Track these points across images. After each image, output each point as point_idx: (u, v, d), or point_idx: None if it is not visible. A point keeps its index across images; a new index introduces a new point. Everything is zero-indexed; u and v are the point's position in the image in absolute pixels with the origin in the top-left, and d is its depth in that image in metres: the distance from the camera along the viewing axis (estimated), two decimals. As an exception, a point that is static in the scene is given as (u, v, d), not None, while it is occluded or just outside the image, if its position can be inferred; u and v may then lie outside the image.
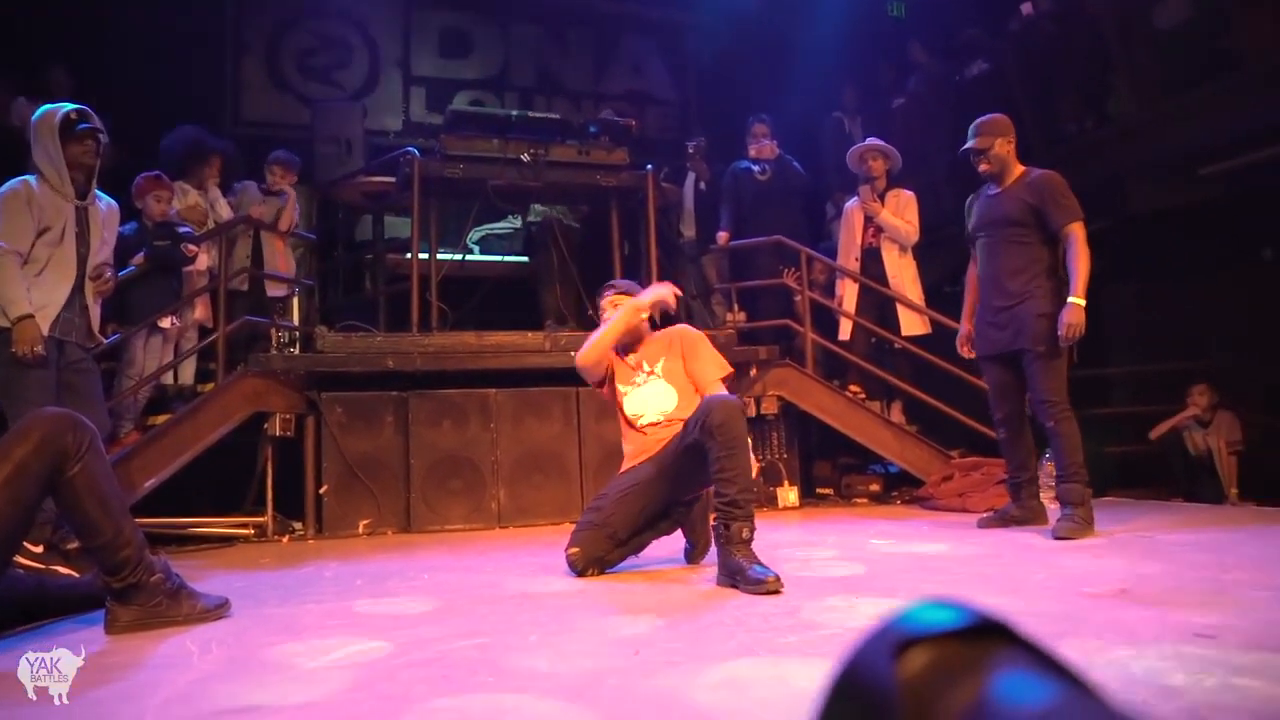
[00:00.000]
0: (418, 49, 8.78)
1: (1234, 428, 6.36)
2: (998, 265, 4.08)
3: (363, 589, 3.10)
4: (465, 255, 6.44)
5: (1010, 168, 4.07)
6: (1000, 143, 4.04)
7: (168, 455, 4.65)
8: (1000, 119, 4.10)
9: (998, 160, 4.04)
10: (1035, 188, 3.96)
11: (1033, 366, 3.92)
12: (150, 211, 5.16)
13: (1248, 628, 1.94)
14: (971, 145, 4.09)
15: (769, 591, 2.62)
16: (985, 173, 4.10)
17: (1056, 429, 3.88)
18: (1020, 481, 4.19)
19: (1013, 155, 4.09)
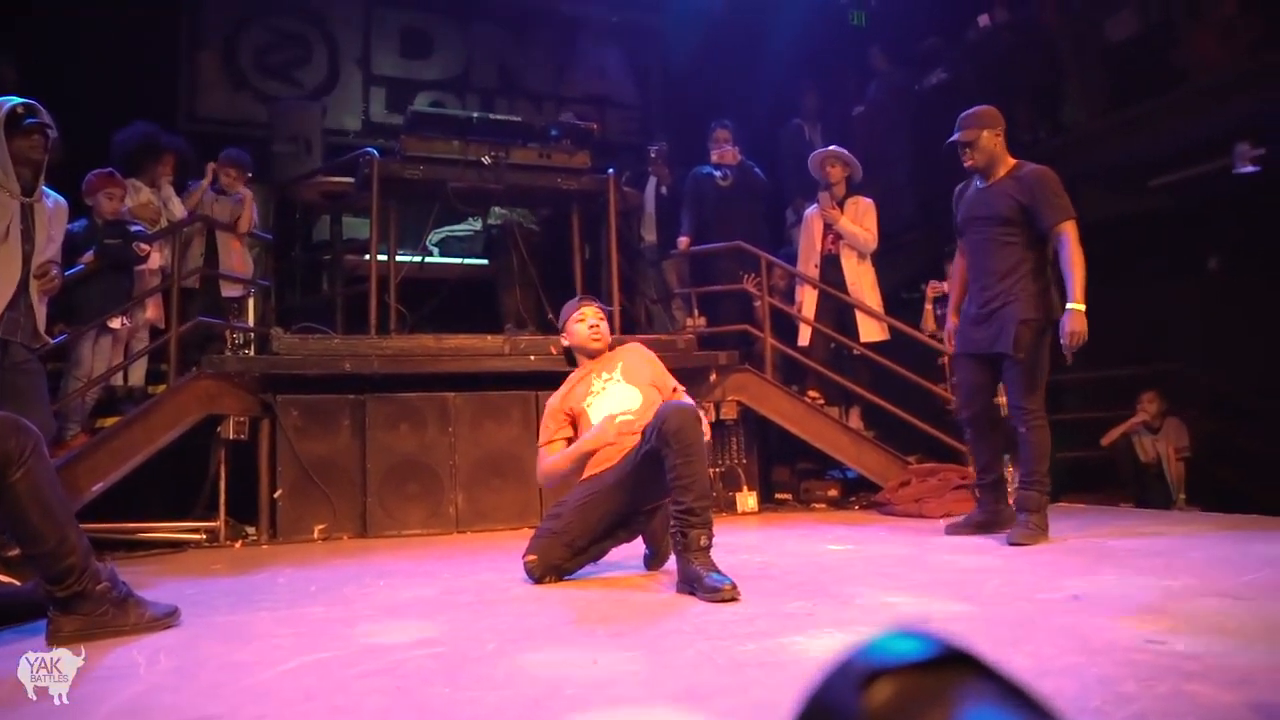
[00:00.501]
0: (378, 48, 8.70)
1: (1182, 434, 6.50)
2: (983, 264, 3.96)
3: (317, 596, 3.05)
4: (424, 257, 6.39)
5: (999, 161, 3.92)
6: (987, 135, 3.89)
7: (117, 458, 4.55)
8: (988, 110, 3.96)
9: (984, 153, 3.91)
10: (1026, 184, 3.82)
11: (1011, 372, 3.84)
12: (101, 209, 5.05)
13: (1196, 634, 1.98)
14: (957, 138, 3.95)
15: (725, 599, 2.61)
16: (971, 167, 3.96)
17: (1029, 436, 3.81)
18: (986, 484, 4.13)
19: (1001, 147, 3.93)
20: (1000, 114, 3.97)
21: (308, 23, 8.46)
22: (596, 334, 3.49)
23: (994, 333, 3.87)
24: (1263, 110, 5.61)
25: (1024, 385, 3.81)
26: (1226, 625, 2.05)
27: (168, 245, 5.44)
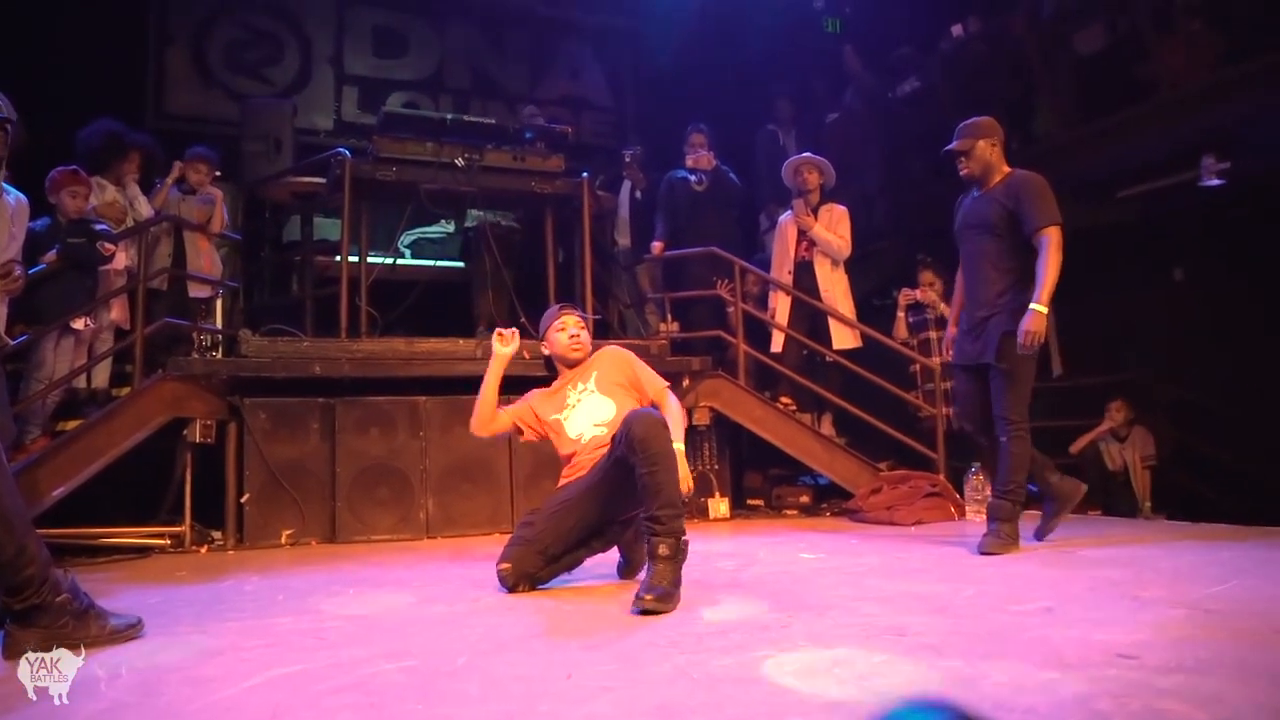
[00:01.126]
0: (351, 47, 8.61)
1: (1148, 442, 6.60)
2: (974, 273, 3.98)
3: (285, 605, 3.00)
4: (396, 259, 6.33)
5: (994, 170, 3.92)
6: (983, 145, 3.90)
7: (79, 462, 4.45)
8: (986, 120, 3.97)
9: (979, 162, 3.91)
10: (1013, 190, 3.82)
11: (995, 382, 3.85)
12: (65, 208, 4.94)
13: (1167, 648, 2.00)
14: (953, 147, 3.96)
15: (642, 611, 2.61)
16: (966, 176, 3.97)
17: (1009, 446, 3.82)
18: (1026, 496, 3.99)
19: (997, 157, 3.93)
20: (997, 124, 3.98)
21: (279, 20, 8.36)
22: (576, 344, 3.45)
23: (982, 344, 3.89)
24: (1228, 124, 5.70)
25: (1006, 395, 3.82)
26: (1196, 639, 2.07)
27: (133, 245, 5.34)
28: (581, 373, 3.45)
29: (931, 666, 1.93)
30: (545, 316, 3.59)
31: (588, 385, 3.39)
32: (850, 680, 1.85)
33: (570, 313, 3.52)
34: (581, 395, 3.38)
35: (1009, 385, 3.81)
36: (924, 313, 6.23)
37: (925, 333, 6.21)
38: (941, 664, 1.95)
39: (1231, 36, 5.62)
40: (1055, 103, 6.71)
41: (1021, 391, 3.82)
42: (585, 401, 3.36)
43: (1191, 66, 5.76)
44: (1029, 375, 3.83)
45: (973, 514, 5.12)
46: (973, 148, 3.92)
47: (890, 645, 2.14)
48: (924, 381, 6.07)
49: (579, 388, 3.40)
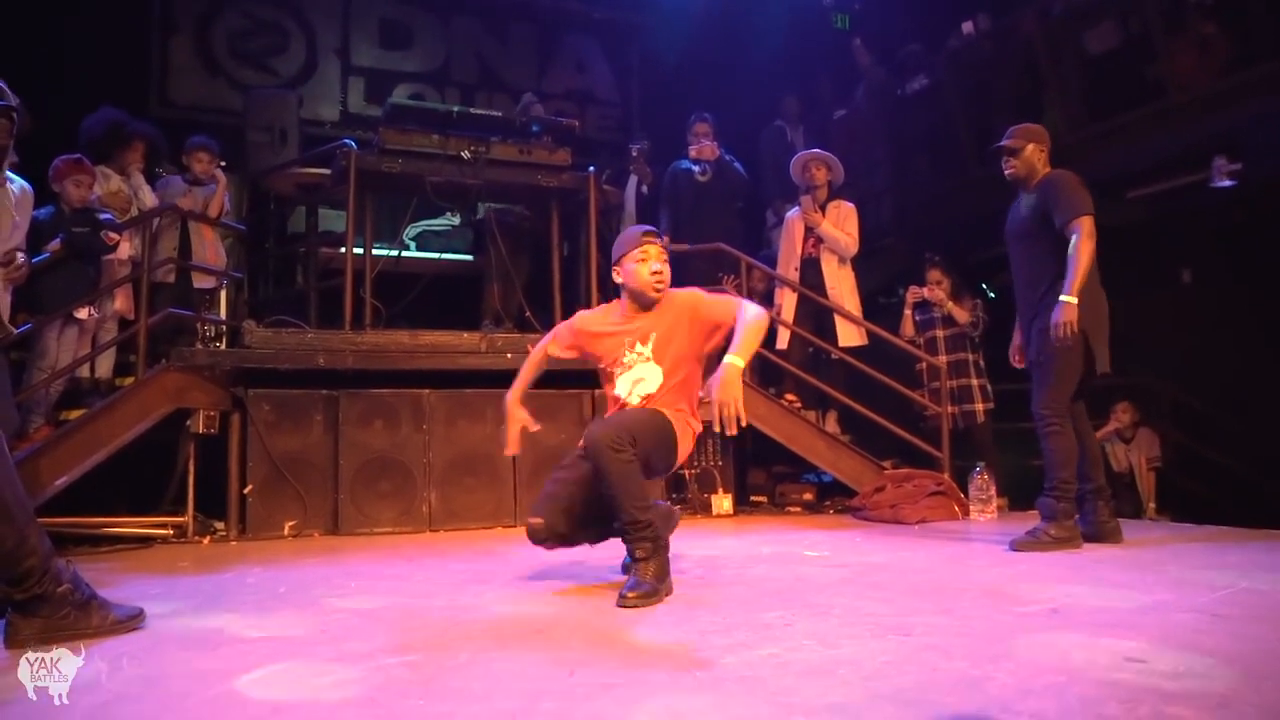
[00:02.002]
0: (357, 38, 8.58)
1: (1153, 444, 6.58)
2: (1020, 279, 4.05)
3: (286, 597, 2.99)
4: (401, 251, 6.30)
5: (1036, 174, 3.96)
6: (1033, 148, 3.94)
7: (81, 452, 4.44)
8: (1037, 126, 4.04)
9: (1025, 164, 3.94)
10: (1044, 190, 3.87)
11: (1034, 378, 3.90)
12: (69, 197, 4.92)
13: (1175, 651, 1.98)
14: (1004, 144, 3.98)
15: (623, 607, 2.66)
16: (1010, 175, 3.99)
17: (1044, 443, 3.85)
18: (1084, 493, 3.94)
19: (1043, 163, 3.97)
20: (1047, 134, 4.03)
21: (284, 10, 8.32)
22: (659, 280, 3.07)
23: (1030, 339, 3.96)
24: (1239, 126, 5.66)
25: (1040, 389, 3.86)
26: (1203, 644, 2.05)
27: (137, 235, 5.32)
28: (646, 326, 3.11)
29: (937, 669, 1.92)
30: (623, 239, 3.20)
31: (645, 350, 3.08)
32: (855, 681, 1.84)
33: (655, 241, 3.11)
34: (638, 360, 3.09)
35: (1042, 379, 3.85)
36: (931, 311, 6.21)
37: (932, 331, 6.18)
38: (947, 666, 1.93)
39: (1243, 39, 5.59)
40: (1064, 101, 6.68)
41: (1056, 384, 3.82)
42: (638, 368, 3.09)
43: (1203, 68, 5.73)
44: (1067, 370, 3.82)
45: (977, 513, 5.10)
46: (1023, 147, 3.96)
47: (896, 646, 2.12)
48: (930, 380, 6.05)
49: (637, 350, 3.09)
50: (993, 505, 5.15)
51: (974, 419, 5.98)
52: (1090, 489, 3.95)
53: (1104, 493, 4.01)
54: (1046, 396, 3.83)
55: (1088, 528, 3.92)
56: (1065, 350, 3.76)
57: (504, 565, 3.67)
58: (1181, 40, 5.83)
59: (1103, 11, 6.49)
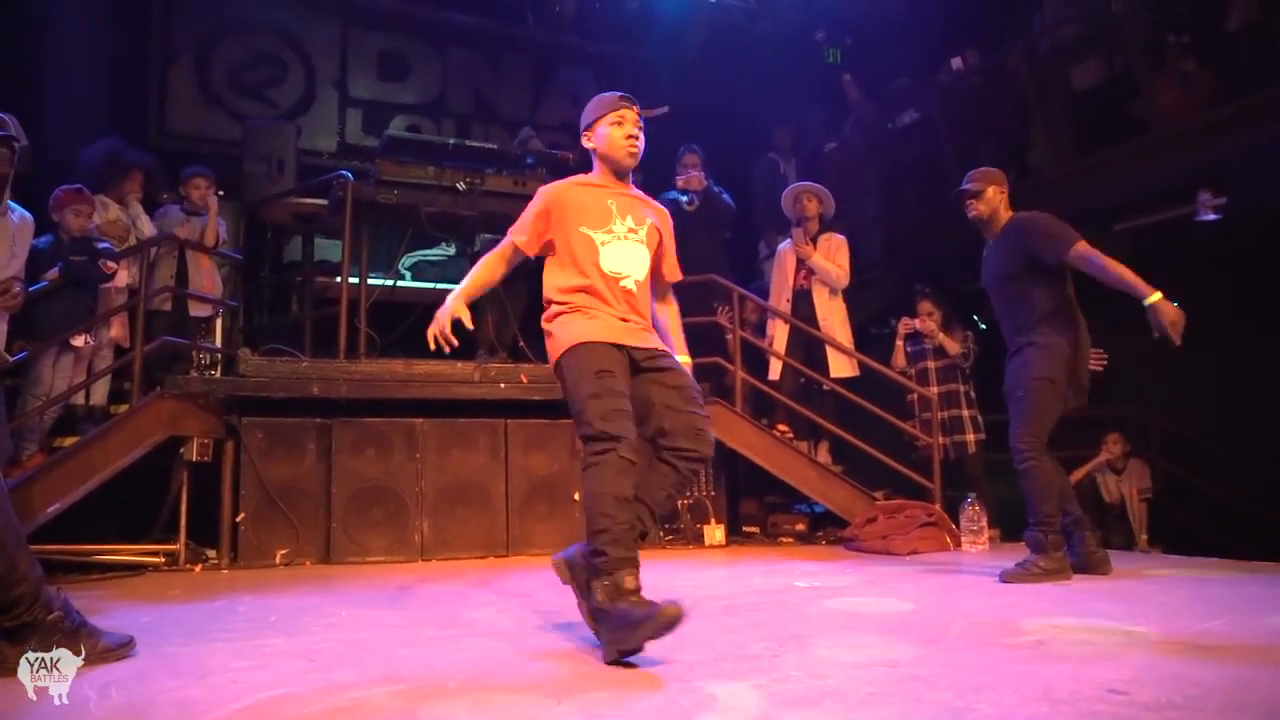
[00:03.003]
0: (355, 70, 8.69)
1: (1144, 475, 6.61)
2: (1004, 321, 4.13)
3: (277, 626, 2.99)
4: (396, 281, 6.34)
5: (999, 217, 4.08)
6: (994, 190, 4.06)
7: (74, 479, 4.45)
8: (997, 170, 4.16)
9: (988, 205, 4.05)
10: (1019, 234, 3.97)
11: (1011, 412, 3.95)
12: (68, 226, 4.97)
13: (1157, 684, 2.00)
14: (966, 187, 4.10)
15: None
16: (975, 218, 4.10)
17: (1023, 476, 3.89)
18: (1067, 525, 3.94)
19: (1004, 205, 4.08)
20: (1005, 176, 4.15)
21: (283, 42, 8.43)
22: (634, 145, 2.79)
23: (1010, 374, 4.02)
24: (1222, 160, 5.75)
25: (1016, 423, 3.90)
26: (1187, 675, 2.07)
27: (135, 263, 5.36)
28: (635, 203, 2.84)
29: (921, 699, 1.93)
30: (597, 102, 2.86)
31: (640, 232, 2.78)
32: (840, 713, 1.85)
33: (631, 105, 2.81)
34: (628, 235, 2.76)
35: (1018, 412, 3.90)
36: (922, 342, 6.25)
37: (923, 362, 6.23)
38: (931, 696, 1.95)
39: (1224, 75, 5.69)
40: (1051, 136, 6.78)
41: (1032, 417, 3.86)
42: (630, 244, 2.75)
43: (1185, 104, 5.83)
44: (1045, 405, 3.86)
45: (968, 544, 5.12)
46: (984, 189, 4.07)
47: (881, 677, 2.14)
48: (921, 411, 6.08)
49: (628, 220, 2.77)
50: (984, 536, 5.16)
51: (965, 450, 6.01)
52: (1071, 520, 3.97)
53: (1085, 522, 4.05)
54: (1023, 430, 3.87)
55: (1076, 559, 3.92)
56: (1041, 390, 3.83)
57: (495, 595, 3.67)
58: (1164, 76, 5.94)
59: (1088, 49, 6.61)
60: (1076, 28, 6.68)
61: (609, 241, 2.73)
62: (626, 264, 2.74)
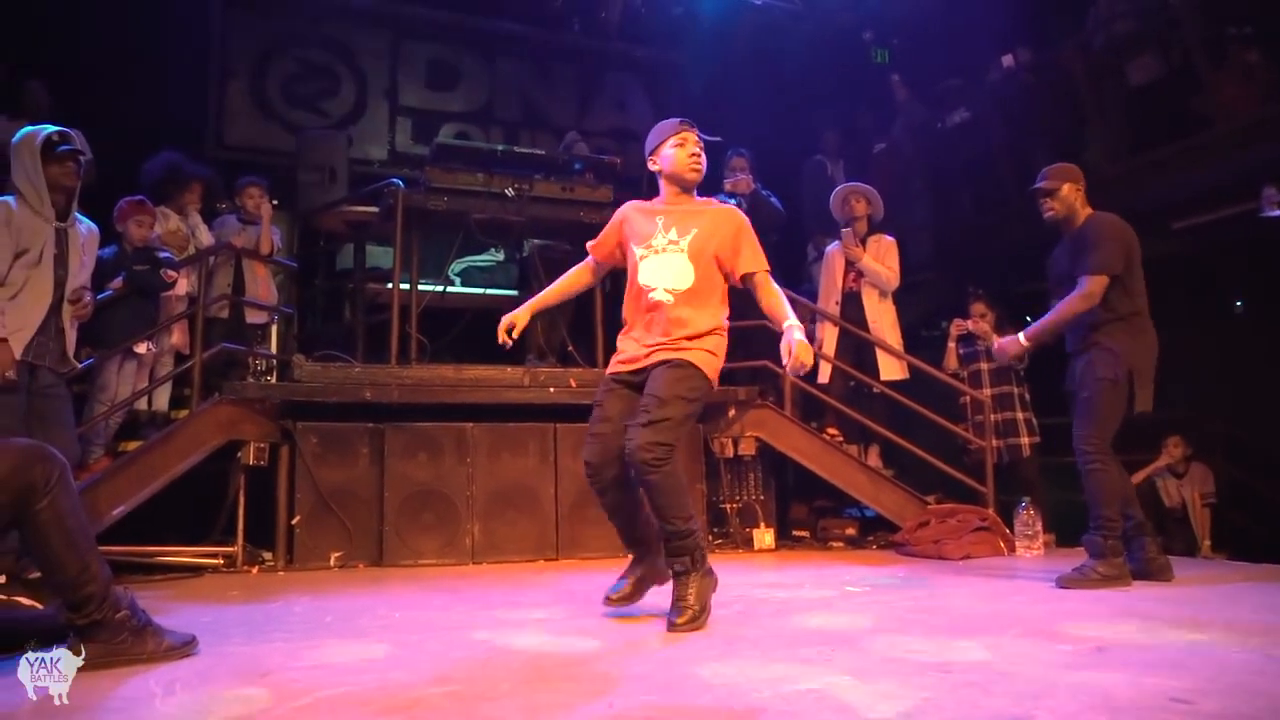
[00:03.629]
0: (405, 80, 8.81)
1: (1207, 479, 6.43)
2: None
3: (332, 627, 3.05)
4: (446, 287, 6.42)
5: (1076, 215, 3.98)
6: (1069, 188, 3.96)
7: (137, 483, 4.57)
8: (1072, 166, 4.05)
9: (1064, 204, 3.96)
10: (1083, 234, 3.90)
11: (1076, 412, 3.89)
12: (131, 236, 5.12)
13: (1222, 693, 1.95)
14: (1040, 185, 4.01)
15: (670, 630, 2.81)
16: (1050, 217, 4.01)
17: (1087, 480, 3.82)
18: (1128, 530, 3.88)
19: (1081, 202, 3.99)
20: (1081, 172, 4.05)
21: (335, 55, 8.59)
22: (697, 163, 3.10)
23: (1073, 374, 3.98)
24: (1287, 156, 5.59)
25: (1081, 423, 3.85)
26: (1254, 685, 2.01)
27: (194, 272, 5.50)
28: (686, 214, 3.08)
29: (977, 705, 1.90)
30: (659, 129, 3.21)
31: (681, 241, 3.01)
32: (894, 717, 1.83)
33: (691, 128, 3.15)
34: (668, 245, 3.02)
35: (1083, 413, 3.84)
36: (975, 344, 6.16)
37: (976, 364, 6.13)
38: (987, 703, 1.92)
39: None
40: (1107, 134, 6.64)
41: (1097, 418, 3.80)
42: (669, 254, 3.01)
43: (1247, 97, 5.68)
44: (1111, 407, 3.80)
45: (1022, 549, 5.03)
46: (1059, 188, 3.98)
47: (935, 682, 2.11)
48: (974, 414, 5.99)
49: (671, 233, 3.03)
50: (1039, 541, 5.06)
51: (1019, 453, 5.91)
52: (1132, 525, 3.88)
53: (1147, 527, 3.96)
54: (1089, 432, 3.80)
55: (1136, 565, 3.84)
56: (1109, 391, 3.76)
57: (545, 597, 3.70)
58: (1225, 70, 5.78)
59: (1144, 43, 6.46)
60: (1132, 22, 6.53)
61: (646, 256, 3.04)
62: (664, 279, 2.99)
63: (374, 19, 8.69)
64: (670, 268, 2.99)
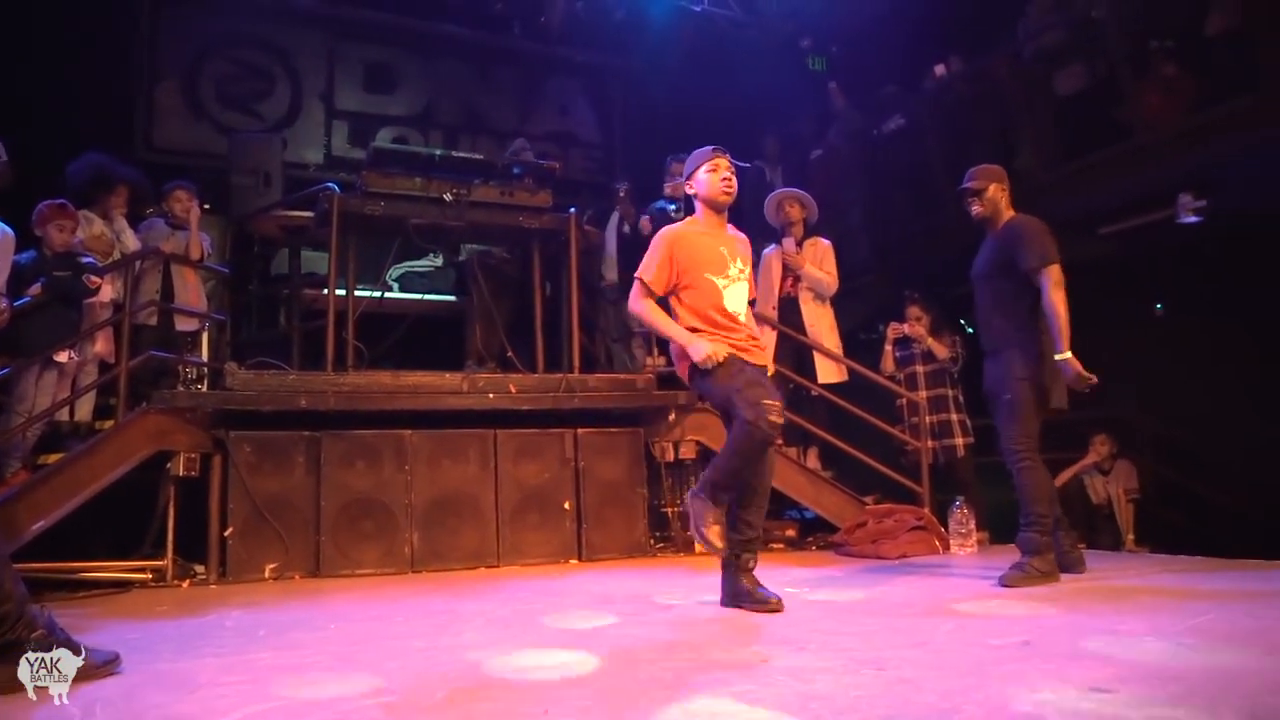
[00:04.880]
0: (341, 82, 8.70)
1: (1132, 476, 6.64)
2: (981, 315, 4.20)
3: (266, 640, 2.98)
4: (384, 293, 6.34)
5: (1000, 215, 4.09)
6: (995, 188, 4.07)
7: (60, 496, 4.42)
8: (997, 168, 4.16)
9: (990, 203, 4.07)
10: (1008, 235, 4.00)
11: (999, 413, 3.97)
12: (52, 241, 4.96)
13: (1142, 681, 2.01)
14: (968, 185, 4.11)
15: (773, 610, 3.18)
16: (977, 216, 4.11)
17: (1018, 477, 3.91)
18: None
19: (1006, 203, 4.10)
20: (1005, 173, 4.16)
21: (270, 56, 8.44)
22: (729, 186, 3.43)
23: (991, 377, 4.06)
24: (1203, 164, 5.80)
25: (1008, 424, 3.92)
26: (1171, 672, 2.08)
27: (119, 278, 5.34)
28: (734, 245, 3.47)
29: (909, 701, 1.94)
30: (694, 156, 3.53)
31: (745, 270, 3.46)
32: (828, 715, 1.86)
33: (724, 154, 3.46)
34: (739, 277, 3.43)
35: (1009, 414, 3.92)
36: (911, 347, 6.28)
37: (912, 366, 6.25)
38: (919, 699, 1.95)
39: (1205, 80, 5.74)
40: (1037, 141, 6.82)
41: (1023, 419, 3.89)
42: (740, 285, 3.43)
43: (1167, 109, 5.88)
44: (1030, 407, 3.89)
45: (957, 547, 5.13)
46: (986, 187, 4.08)
47: (870, 680, 2.14)
48: (910, 415, 6.09)
49: (738, 264, 3.43)
50: (973, 539, 5.17)
51: (954, 454, 6.03)
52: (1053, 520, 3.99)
53: (1064, 522, 4.10)
54: (1016, 432, 3.90)
55: (1057, 558, 3.95)
56: (1030, 386, 3.86)
57: (484, 605, 3.66)
58: (1146, 82, 5.98)
59: (1071, 55, 6.65)
60: (1060, 34, 6.72)
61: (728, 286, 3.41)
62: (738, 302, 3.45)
63: (310, 20, 8.57)
64: (742, 294, 3.47)
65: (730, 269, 3.41)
